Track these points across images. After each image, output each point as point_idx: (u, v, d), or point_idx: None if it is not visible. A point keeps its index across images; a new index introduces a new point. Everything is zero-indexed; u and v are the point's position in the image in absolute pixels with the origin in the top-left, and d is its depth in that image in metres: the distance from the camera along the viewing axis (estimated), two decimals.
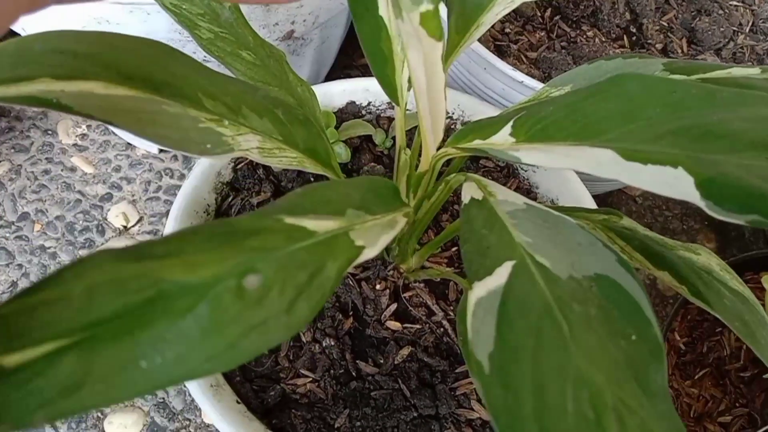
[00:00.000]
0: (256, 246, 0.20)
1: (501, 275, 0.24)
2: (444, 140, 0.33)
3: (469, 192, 0.30)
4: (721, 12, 0.61)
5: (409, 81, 0.33)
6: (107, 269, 0.17)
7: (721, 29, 0.58)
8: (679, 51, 0.58)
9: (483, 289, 0.24)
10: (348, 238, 0.23)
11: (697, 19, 0.59)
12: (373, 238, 0.24)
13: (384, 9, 0.32)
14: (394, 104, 0.34)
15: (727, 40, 0.58)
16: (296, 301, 0.20)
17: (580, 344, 0.22)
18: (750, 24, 0.61)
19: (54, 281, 0.16)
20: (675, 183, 0.24)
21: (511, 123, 0.30)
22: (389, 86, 0.33)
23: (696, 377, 0.48)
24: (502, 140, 0.30)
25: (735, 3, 0.62)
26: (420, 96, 0.29)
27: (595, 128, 0.27)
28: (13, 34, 0.65)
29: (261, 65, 0.37)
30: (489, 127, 0.31)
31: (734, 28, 0.60)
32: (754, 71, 0.32)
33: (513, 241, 0.26)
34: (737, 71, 0.32)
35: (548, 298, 0.24)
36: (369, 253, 0.23)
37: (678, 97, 0.27)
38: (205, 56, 0.37)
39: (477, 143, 0.31)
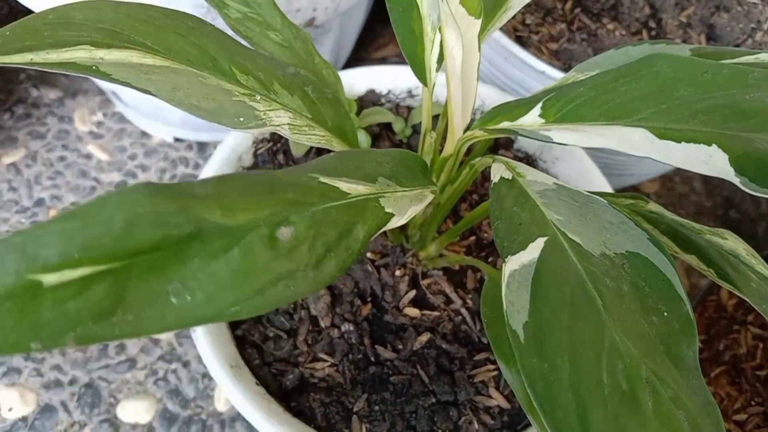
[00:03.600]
0: (292, 199, 0.20)
1: (534, 250, 0.24)
2: (469, 125, 0.34)
3: (499, 172, 0.30)
4: (740, 8, 0.61)
5: (439, 61, 0.34)
6: (149, 202, 0.17)
7: (740, 26, 0.58)
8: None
9: (516, 263, 0.24)
10: (378, 203, 0.23)
11: (716, 15, 0.60)
12: (403, 207, 0.25)
13: None
14: (421, 85, 0.34)
15: (745, 36, 0.58)
16: (324, 257, 0.20)
17: (614, 318, 0.22)
18: None
19: (95, 208, 0.16)
20: (709, 160, 0.24)
21: (540, 104, 0.30)
22: (418, 66, 0.33)
23: (712, 375, 0.48)
24: (531, 121, 0.30)
25: (754, 0, 0.62)
26: (453, 75, 0.29)
27: (627, 108, 0.27)
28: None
29: (288, 47, 0.37)
30: (518, 108, 0.31)
31: (753, 25, 0.60)
32: None
33: (545, 218, 0.26)
34: (766, 56, 0.32)
35: (581, 272, 0.24)
36: (397, 221, 0.24)
37: (709, 77, 0.27)
38: (231, 35, 0.38)
39: (506, 125, 0.31)
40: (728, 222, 0.71)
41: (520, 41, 0.53)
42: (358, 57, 0.77)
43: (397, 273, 0.44)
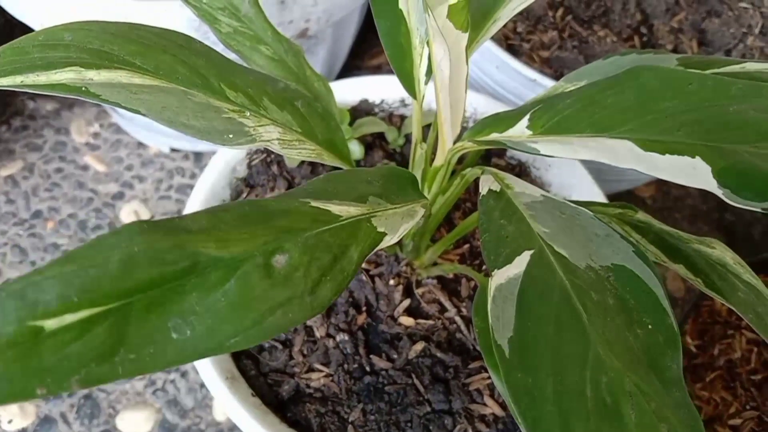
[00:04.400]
0: (285, 226, 0.21)
1: (520, 264, 0.25)
2: (459, 135, 0.34)
3: (487, 184, 0.30)
4: (730, 13, 0.61)
5: (427, 74, 0.34)
6: (143, 240, 0.18)
7: (731, 30, 0.58)
8: (689, 52, 0.58)
9: (503, 277, 0.24)
10: (370, 223, 0.24)
11: (707, 20, 0.60)
12: (394, 225, 0.25)
13: (403, 3, 0.32)
14: (411, 97, 0.34)
15: (736, 41, 0.59)
16: (320, 282, 0.20)
17: (599, 331, 0.23)
18: (759, 26, 0.61)
19: (91, 250, 0.17)
20: (693, 172, 0.24)
21: (528, 116, 0.30)
22: (407, 79, 0.33)
23: (707, 380, 0.48)
24: (519, 132, 0.30)
25: (744, 5, 0.63)
26: (441, 88, 0.30)
27: (613, 120, 0.28)
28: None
29: (279, 60, 0.37)
30: (506, 120, 0.32)
31: (744, 30, 0.60)
32: (766, 66, 0.32)
33: (531, 231, 0.27)
34: (751, 66, 0.32)
35: (566, 286, 0.24)
36: (390, 240, 0.24)
37: (694, 89, 0.27)
38: (222, 50, 0.38)
39: (494, 136, 0.31)
40: (724, 225, 0.71)
41: (512, 49, 0.53)
42: (352, 65, 0.77)
43: (392, 282, 0.44)
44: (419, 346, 0.42)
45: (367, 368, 0.42)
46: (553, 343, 0.22)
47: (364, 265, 0.45)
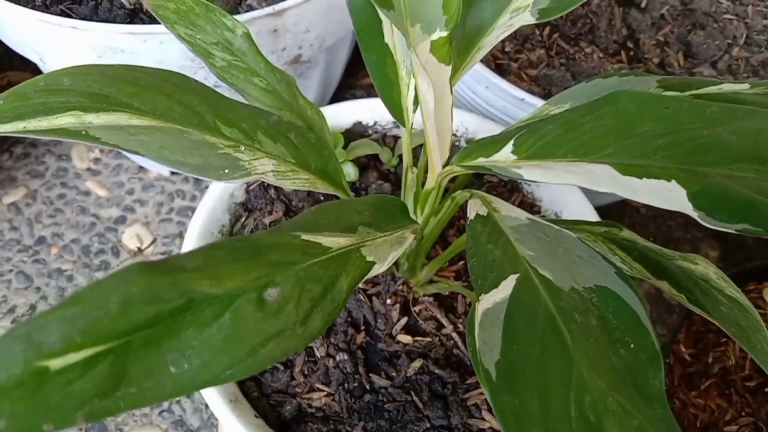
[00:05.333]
0: (276, 260, 0.22)
1: (506, 288, 0.26)
2: (449, 158, 0.35)
3: (475, 208, 0.31)
4: (715, 25, 0.62)
5: (415, 103, 0.35)
6: (141, 281, 0.19)
7: (716, 42, 0.59)
8: (676, 64, 0.59)
9: (489, 302, 0.25)
10: (360, 253, 0.25)
11: (693, 33, 0.61)
12: (383, 253, 0.26)
13: (389, 36, 0.34)
14: (400, 125, 0.35)
15: (722, 52, 0.60)
16: (311, 313, 0.21)
17: (582, 352, 0.24)
18: (744, 36, 0.62)
19: (92, 293, 0.18)
20: (669, 195, 0.25)
21: (512, 141, 0.31)
22: (395, 109, 0.35)
23: (702, 388, 0.49)
24: (504, 158, 0.31)
25: (729, 16, 0.64)
26: (427, 118, 0.31)
27: (593, 144, 0.29)
28: (33, 69, 0.67)
29: (272, 91, 0.38)
30: (492, 145, 0.33)
31: (729, 41, 0.61)
32: (743, 86, 0.33)
33: (517, 254, 0.28)
34: (728, 87, 0.33)
35: (551, 308, 0.25)
36: (379, 269, 0.25)
37: (670, 113, 0.28)
38: (216, 81, 0.39)
39: (481, 161, 0.32)
40: (717, 233, 0.72)
41: (500, 69, 0.55)
42: (347, 85, 0.78)
43: (389, 301, 0.45)
44: (417, 363, 0.43)
45: (367, 386, 0.43)
46: (538, 366, 0.23)
47: (361, 285, 0.46)
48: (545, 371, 0.23)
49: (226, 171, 0.28)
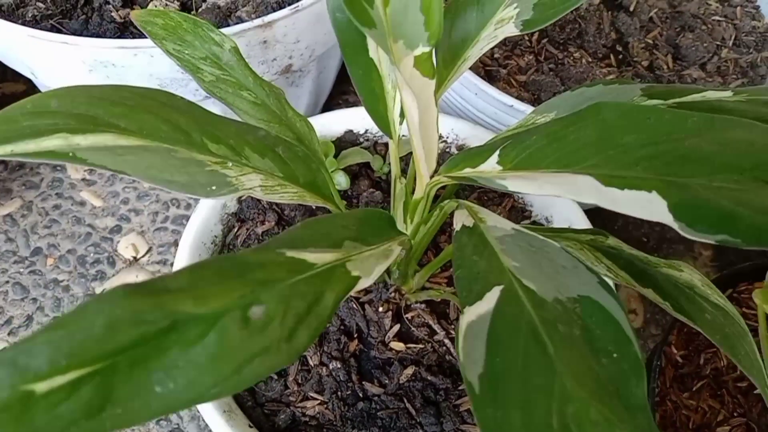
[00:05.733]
0: (261, 278, 0.22)
1: (490, 300, 0.26)
2: (439, 165, 0.35)
3: (461, 220, 0.31)
4: (704, 27, 0.63)
5: (401, 115, 0.35)
6: (125, 303, 0.19)
7: (704, 45, 0.60)
8: (665, 67, 0.59)
9: (473, 314, 0.25)
10: (345, 268, 0.25)
11: (681, 35, 0.61)
12: (369, 268, 0.26)
13: (374, 51, 0.34)
14: (386, 138, 0.36)
15: (711, 54, 0.60)
16: (296, 329, 0.22)
17: (565, 363, 0.24)
18: (733, 38, 0.63)
19: (77, 316, 0.18)
20: (650, 206, 0.26)
21: (498, 152, 0.32)
22: (382, 121, 0.35)
23: (694, 389, 0.49)
24: (490, 168, 0.32)
25: (718, 18, 0.64)
26: (413, 131, 0.31)
27: (576, 155, 0.29)
28: (27, 81, 0.68)
29: (261, 104, 0.39)
30: (478, 155, 0.33)
31: (717, 43, 0.62)
32: (726, 94, 0.33)
33: (501, 266, 0.28)
34: (711, 94, 0.34)
35: (534, 320, 0.25)
36: (364, 283, 0.25)
37: (652, 123, 0.28)
38: (206, 95, 0.39)
39: (467, 171, 0.33)
40: None
41: (490, 75, 0.55)
42: (340, 91, 0.79)
43: (381, 309, 0.46)
44: (410, 370, 0.44)
45: (360, 394, 0.43)
46: (521, 377, 0.23)
47: (353, 294, 0.46)
48: (528, 383, 0.23)
49: (213, 188, 0.29)
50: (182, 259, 0.44)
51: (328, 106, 0.75)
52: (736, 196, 0.25)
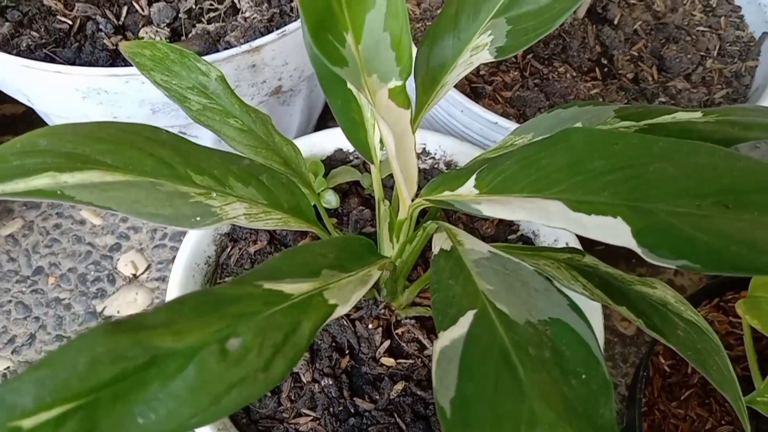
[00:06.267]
0: (237, 312, 0.23)
1: (463, 324, 0.27)
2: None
3: (439, 243, 0.32)
4: (688, 38, 0.64)
5: (381, 141, 0.36)
6: (106, 341, 0.20)
7: (688, 56, 0.61)
8: (650, 79, 0.60)
9: (447, 339, 0.26)
10: (322, 297, 0.26)
11: (666, 47, 0.62)
12: (347, 295, 0.27)
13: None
14: (368, 163, 0.37)
15: (695, 65, 0.61)
16: (273, 359, 0.23)
17: (535, 386, 0.25)
18: (717, 48, 0.64)
19: (61, 355, 0.19)
20: (615, 232, 0.26)
21: (474, 176, 0.33)
22: (364, 149, 0.36)
23: (682, 398, 0.50)
24: (467, 191, 0.33)
25: (702, 28, 0.65)
26: (392, 159, 0.32)
27: (547, 180, 0.30)
28: (24, 107, 0.69)
29: (248, 130, 0.40)
30: (456, 179, 0.34)
31: (702, 53, 0.63)
32: (696, 115, 0.34)
33: (476, 289, 0.29)
34: (681, 115, 0.34)
35: (506, 343, 0.26)
36: (342, 310, 0.26)
37: (619, 149, 0.29)
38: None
39: (446, 195, 0.34)
40: None
41: (476, 92, 0.56)
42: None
43: (371, 325, 0.47)
44: (400, 385, 0.45)
45: (352, 410, 0.44)
46: (491, 401, 0.24)
47: None
48: (497, 406, 0.24)
49: (198, 219, 0.30)
50: (176, 280, 0.46)
51: (321, 122, 0.76)
52: (697, 222, 0.25)
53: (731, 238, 0.24)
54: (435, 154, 0.54)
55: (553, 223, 0.28)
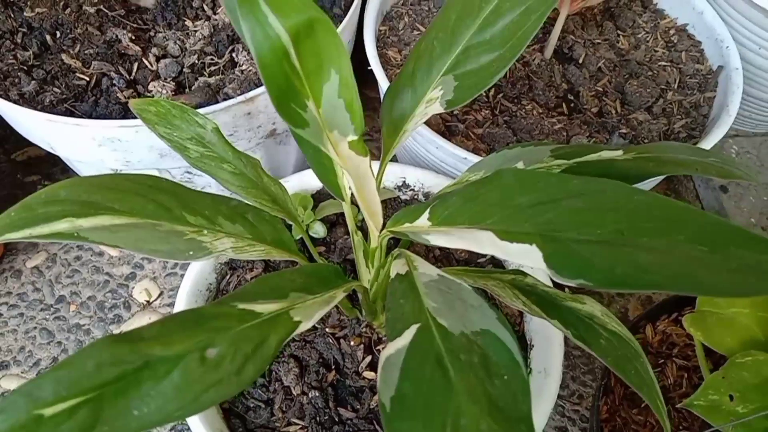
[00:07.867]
0: (215, 327, 0.29)
1: (407, 336, 0.32)
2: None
3: (396, 268, 0.38)
4: (650, 73, 0.69)
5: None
6: (110, 349, 0.26)
7: (648, 90, 0.66)
8: (614, 112, 0.66)
9: (393, 348, 0.32)
10: (288, 315, 0.32)
11: (628, 82, 0.68)
12: (311, 313, 0.33)
13: None
14: (340, 200, 0.43)
15: (654, 99, 0.66)
16: (244, 365, 0.28)
17: (463, 384, 0.30)
18: (677, 81, 0.69)
19: (74, 359, 0.25)
20: (531, 257, 0.32)
21: (428, 210, 0.38)
22: (335, 189, 0.42)
23: (642, 405, 0.55)
24: (422, 224, 0.38)
25: (663, 63, 0.70)
26: (358, 199, 0.38)
27: (483, 214, 0.36)
28: (47, 152, 0.76)
29: (240, 173, 0.46)
30: (414, 213, 0.40)
31: (662, 87, 0.68)
32: (617, 153, 0.40)
33: (422, 307, 0.35)
34: (605, 154, 0.40)
35: (442, 350, 0.32)
36: (305, 326, 0.32)
37: (541, 186, 0.35)
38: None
39: (405, 227, 0.39)
40: None
41: (449, 130, 0.62)
42: None
43: (353, 342, 0.52)
44: None
45: (336, 419, 0.49)
46: (425, 397, 0.30)
47: (329, 330, 0.53)
48: (430, 401, 0.29)
49: (191, 252, 0.36)
50: (180, 305, 0.52)
51: None
52: (594, 248, 0.31)
53: (619, 260, 0.30)
54: (414, 186, 0.60)
55: (485, 250, 0.34)
